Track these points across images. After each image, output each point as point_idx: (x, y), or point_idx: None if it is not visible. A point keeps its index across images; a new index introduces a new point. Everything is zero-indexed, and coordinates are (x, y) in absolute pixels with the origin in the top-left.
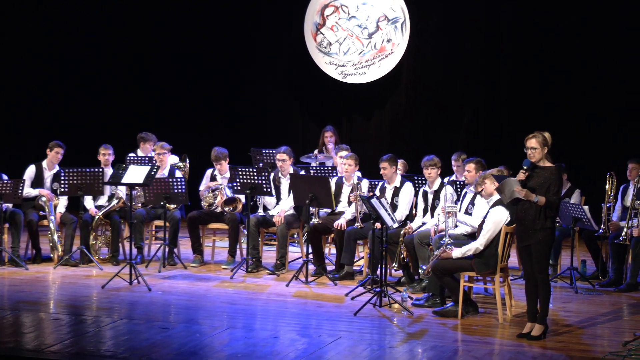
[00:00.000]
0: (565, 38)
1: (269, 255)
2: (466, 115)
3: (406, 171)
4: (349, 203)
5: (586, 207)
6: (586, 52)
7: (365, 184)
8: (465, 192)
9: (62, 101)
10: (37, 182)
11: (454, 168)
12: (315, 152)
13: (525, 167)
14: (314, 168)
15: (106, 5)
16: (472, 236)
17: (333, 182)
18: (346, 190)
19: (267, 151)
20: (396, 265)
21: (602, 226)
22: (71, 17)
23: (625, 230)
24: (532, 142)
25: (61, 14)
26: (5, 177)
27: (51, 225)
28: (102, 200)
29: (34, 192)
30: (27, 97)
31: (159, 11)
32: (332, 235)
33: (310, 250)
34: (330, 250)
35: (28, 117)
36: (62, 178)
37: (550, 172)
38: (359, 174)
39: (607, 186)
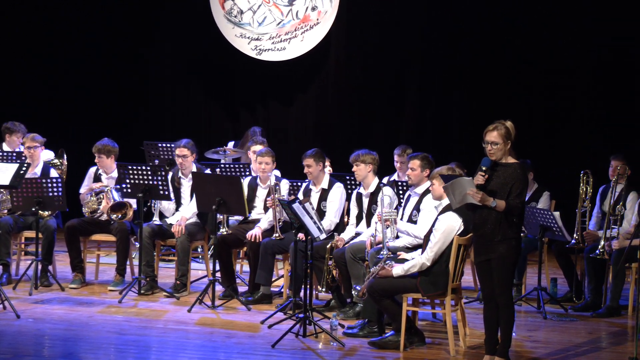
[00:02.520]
0: (531, 27)
1: (166, 273)
2: (411, 102)
3: (335, 169)
4: (266, 209)
5: (557, 213)
6: (554, 42)
7: (285, 185)
8: (409, 195)
9: None
10: None
11: (397, 165)
12: (231, 144)
13: (484, 168)
14: (223, 166)
15: None
16: (418, 249)
17: (246, 183)
18: (262, 193)
19: (163, 145)
20: (324, 289)
21: (574, 235)
22: None
23: (602, 242)
24: (492, 136)
25: None
26: None
27: None
28: None
29: None
30: None
31: None
32: (245, 248)
33: (217, 268)
34: (242, 267)
35: None
36: None
37: (513, 170)
38: (277, 173)
39: (581, 187)
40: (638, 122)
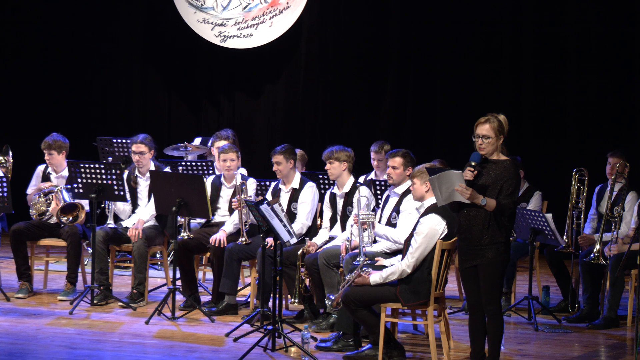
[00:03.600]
0: (519, 21)
1: (122, 281)
2: (390, 95)
3: (307, 166)
4: (231, 211)
5: (549, 215)
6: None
7: (252, 184)
8: (388, 196)
9: None
10: None
11: (374, 163)
12: (198, 140)
13: (473, 163)
14: (184, 164)
15: None
16: (397, 255)
17: (209, 182)
18: (226, 193)
19: (119, 140)
20: (295, 299)
21: (564, 238)
22: None
23: (597, 246)
24: (484, 129)
25: None
26: None
27: None
28: None
29: None
30: None
31: None
32: (208, 254)
33: (178, 275)
34: (205, 274)
35: None
36: None
37: (504, 167)
38: (243, 171)
39: (573, 186)
40: (638, 116)
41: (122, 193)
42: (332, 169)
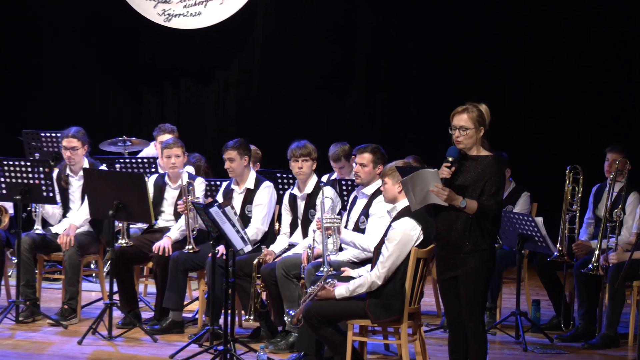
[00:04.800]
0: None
1: (51, 295)
2: (357, 83)
3: (261, 163)
4: (176, 215)
5: (539, 219)
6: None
7: (200, 184)
8: (356, 197)
9: None
10: None
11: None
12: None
13: (450, 159)
14: (123, 161)
15: None
16: (366, 264)
17: (151, 182)
18: (171, 194)
19: (47, 134)
20: (251, 317)
21: (557, 245)
22: None
23: (596, 253)
24: (461, 119)
25: None
26: None
27: None
28: None
29: None
30: None
31: None
32: (150, 264)
33: (115, 289)
34: (146, 287)
35: None
36: None
37: (486, 164)
38: (190, 169)
39: (566, 186)
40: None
41: (51, 194)
42: (306, 167)
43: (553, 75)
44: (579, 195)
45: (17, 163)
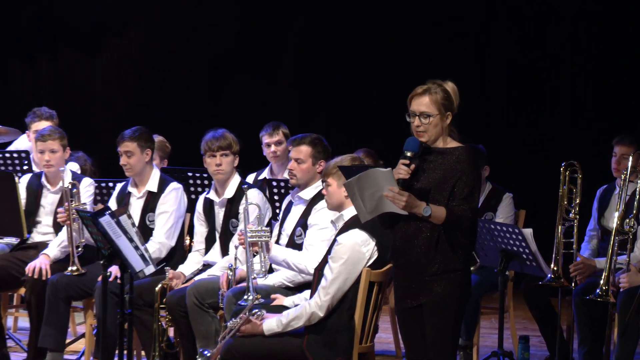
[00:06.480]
0: None
1: None
2: (291, 53)
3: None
4: (57, 226)
5: (528, 231)
6: None
7: (87, 187)
8: (291, 203)
9: None
10: None
11: (268, 152)
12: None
13: (409, 154)
14: None
15: None
16: (305, 290)
17: (23, 184)
18: (50, 200)
19: None
20: (155, 358)
21: (551, 265)
22: None
23: (605, 275)
24: (422, 103)
25: None
26: None
27: None
28: None
29: None
30: None
31: None
32: (23, 290)
33: None
34: (17, 320)
35: None
36: None
37: (456, 158)
38: (74, 167)
39: (562, 188)
40: None
41: None
42: (225, 164)
43: (544, 59)
44: (578, 199)
45: None
